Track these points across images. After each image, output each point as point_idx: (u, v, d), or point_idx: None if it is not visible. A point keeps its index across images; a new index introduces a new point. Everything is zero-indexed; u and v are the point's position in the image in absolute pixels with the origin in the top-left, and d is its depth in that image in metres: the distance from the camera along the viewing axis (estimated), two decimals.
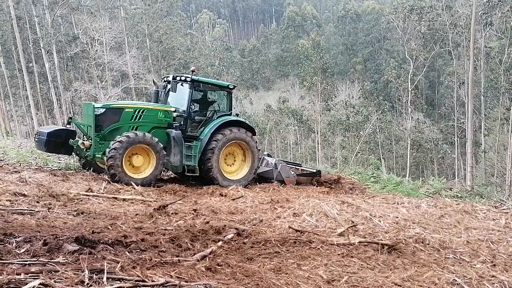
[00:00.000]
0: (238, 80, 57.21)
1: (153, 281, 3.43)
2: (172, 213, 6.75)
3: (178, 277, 3.65)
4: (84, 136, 10.21)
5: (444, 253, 5.40)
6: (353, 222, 6.51)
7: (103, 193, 7.97)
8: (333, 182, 11.94)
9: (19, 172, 8.93)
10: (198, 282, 3.61)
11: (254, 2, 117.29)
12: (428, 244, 5.72)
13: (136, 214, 6.52)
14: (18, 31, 31.77)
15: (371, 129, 41.58)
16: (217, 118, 10.97)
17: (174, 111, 10.53)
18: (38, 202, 6.63)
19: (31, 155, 12.44)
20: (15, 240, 4.21)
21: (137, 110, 10.18)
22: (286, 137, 51.04)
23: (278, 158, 12.73)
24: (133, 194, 8.39)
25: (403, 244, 5.53)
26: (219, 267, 4.20)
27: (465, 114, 32.37)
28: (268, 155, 12.72)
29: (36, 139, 10.24)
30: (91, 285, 3.17)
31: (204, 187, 9.99)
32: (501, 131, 32.02)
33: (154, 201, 7.91)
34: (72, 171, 10.49)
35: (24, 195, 6.88)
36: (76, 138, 10.08)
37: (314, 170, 12.54)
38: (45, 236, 4.40)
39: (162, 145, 9.86)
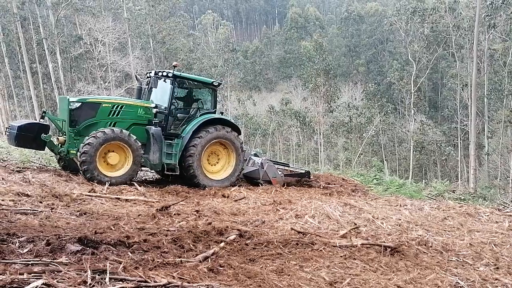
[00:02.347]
0: (241, 81, 57.26)
1: (155, 281, 3.42)
2: (174, 214, 6.75)
3: (180, 278, 3.65)
4: (59, 132, 9.85)
5: (447, 256, 5.39)
6: (356, 224, 6.51)
7: (105, 194, 7.98)
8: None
9: (23, 172, 8.95)
10: (200, 283, 3.60)
11: (257, 4, 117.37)
12: (431, 246, 5.70)
13: (139, 215, 6.53)
14: (22, 32, 31.97)
15: (374, 131, 41.53)
16: (200, 115, 10.59)
17: (155, 107, 10.11)
18: (41, 202, 6.64)
19: (35, 155, 12.46)
20: (18, 240, 4.22)
21: (115, 106, 9.79)
22: (289, 138, 51.03)
23: (266, 158, 12.37)
24: (136, 194, 8.39)
25: (406, 246, 5.52)
26: (221, 268, 4.20)
27: (468, 116, 32.28)
28: (255, 155, 12.30)
29: (7, 133, 9.85)
30: (93, 286, 3.17)
31: (206, 189, 9.96)
32: (504, 133, 31.94)
33: (157, 201, 7.91)
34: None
35: (27, 195, 6.88)
36: (49, 133, 9.65)
37: (303, 171, 12.28)
38: (48, 236, 4.41)
39: (139, 143, 9.49)
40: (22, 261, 3.62)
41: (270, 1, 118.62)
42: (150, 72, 10.92)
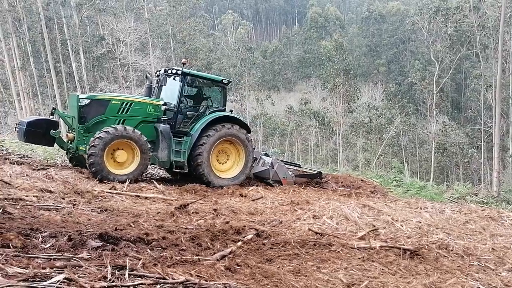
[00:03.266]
0: (260, 81, 57.25)
1: (173, 279, 3.46)
2: (192, 212, 6.81)
3: (198, 276, 3.68)
4: (69, 128, 9.88)
5: (468, 260, 5.28)
6: (375, 226, 6.43)
7: (126, 191, 8.11)
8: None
9: (46, 169, 9.17)
10: (218, 281, 3.63)
11: (277, 3, 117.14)
12: (451, 250, 5.59)
13: (158, 213, 6.61)
14: (47, 32, 32.72)
15: (394, 132, 40.96)
16: (209, 113, 10.53)
17: (163, 105, 10.08)
18: (63, 198, 6.79)
19: (58, 152, 12.75)
20: (41, 235, 4.32)
21: (124, 103, 9.81)
22: (307, 138, 50.77)
23: (275, 158, 12.19)
24: (155, 192, 8.50)
25: (426, 249, 5.42)
26: (239, 267, 4.22)
27: (492, 117, 31.49)
28: (266, 155, 12.18)
29: (16, 129, 9.88)
30: (113, 281, 3.22)
31: (224, 188, 10.00)
32: None
33: (175, 200, 7.99)
34: None
35: (50, 192, 7.04)
36: (58, 129, 9.72)
37: (315, 172, 12.13)
38: (69, 232, 4.50)
39: (146, 139, 9.43)
40: (45, 255, 3.71)
41: (290, 1, 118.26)
42: (161, 70, 10.92)
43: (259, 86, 54.89)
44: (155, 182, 9.52)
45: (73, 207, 6.21)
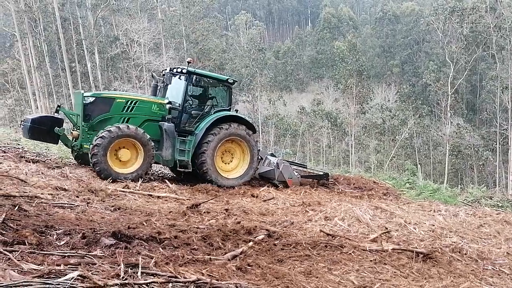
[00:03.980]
0: (272, 81, 57.25)
1: (185, 278, 3.49)
2: (204, 212, 6.84)
3: (209, 275, 3.70)
4: (74, 126, 9.84)
5: (482, 264, 5.20)
6: (387, 228, 6.37)
7: (138, 190, 8.18)
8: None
9: (61, 168, 9.31)
10: (229, 281, 3.64)
11: (290, 4, 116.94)
12: (465, 254, 5.52)
13: (170, 212, 6.66)
14: (63, 32, 33.19)
15: (407, 134, 40.59)
16: (214, 113, 10.42)
17: (168, 104, 10.00)
18: (77, 196, 6.87)
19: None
20: (56, 233, 4.39)
21: (129, 101, 9.75)
22: (319, 139, 50.60)
23: (281, 158, 12.02)
24: (167, 192, 8.56)
25: (439, 253, 5.36)
26: (250, 267, 4.22)
27: (508, 120, 30.98)
28: (272, 155, 12.00)
29: (21, 126, 9.83)
30: (126, 279, 3.26)
31: (235, 188, 10.02)
32: None
33: (187, 199, 8.04)
34: None
35: (65, 190, 7.13)
36: (63, 127, 9.63)
37: (321, 173, 11.99)
38: (83, 230, 4.57)
39: (151, 140, 9.36)
40: (59, 252, 3.76)
41: (302, 2, 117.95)
42: (166, 69, 10.77)
43: (271, 87, 54.89)
44: (167, 181, 9.59)
45: (87, 205, 6.29)
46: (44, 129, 9.31)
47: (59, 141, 9.77)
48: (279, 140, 49.71)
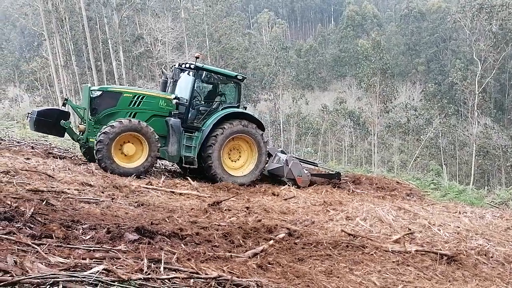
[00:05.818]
0: (294, 80, 57.02)
1: (206, 274, 3.52)
2: (225, 210, 6.88)
3: (230, 272, 3.73)
4: (81, 120, 9.83)
5: (509, 268, 5.06)
6: (410, 230, 6.26)
7: (161, 187, 8.30)
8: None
9: (87, 164, 9.53)
10: (249, 278, 3.66)
11: (312, 2, 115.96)
12: (491, 257, 5.37)
13: (192, 209, 6.73)
14: (89, 31, 33.93)
15: (432, 133, 39.77)
16: (222, 109, 10.24)
17: (175, 99, 9.86)
18: (102, 192, 7.02)
19: None
20: (82, 227, 4.50)
21: (136, 96, 9.68)
22: (341, 138, 50.14)
23: (291, 155, 11.66)
24: (189, 189, 8.65)
25: (464, 255, 5.24)
26: (270, 265, 4.23)
27: None
28: (282, 152, 11.66)
29: (28, 118, 9.84)
30: (149, 274, 3.32)
31: (256, 186, 10.03)
32: None
33: (209, 197, 8.10)
34: None
35: (91, 185, 7.29)
36: (69, 120, 9.63)
37: (333, 172, 11.71)
38: (108, 225, 4.67)
39: (152, 131, 9.26)
40: (85, 247, 3.86)
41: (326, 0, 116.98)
42: (175, 65, 10.72)
43: (293, 85, 54.68)
44: (189, 178, 9.69)
45: (112, 201, 6.41)
46: (50, 121, 9.31)
47: (65, 134, 9.76)
48: (300, 139, 49.49)
